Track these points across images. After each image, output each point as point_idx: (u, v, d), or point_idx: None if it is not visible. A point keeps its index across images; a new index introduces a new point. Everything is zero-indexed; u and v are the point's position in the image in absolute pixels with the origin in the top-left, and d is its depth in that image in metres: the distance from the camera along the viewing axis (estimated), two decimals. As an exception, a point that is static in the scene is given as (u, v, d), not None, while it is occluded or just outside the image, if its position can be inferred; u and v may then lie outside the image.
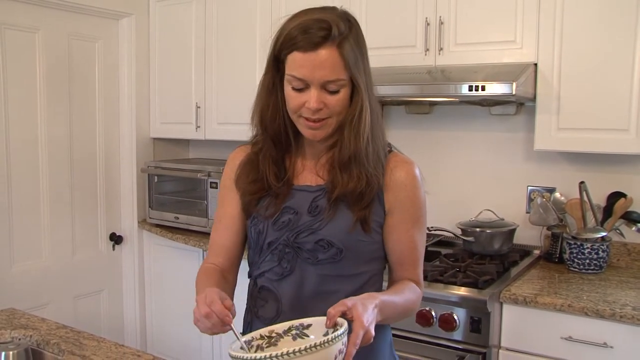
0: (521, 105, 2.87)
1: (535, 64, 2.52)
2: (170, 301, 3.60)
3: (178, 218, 3.50)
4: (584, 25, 2.41)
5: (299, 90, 1.30)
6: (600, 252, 2.52)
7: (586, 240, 2.52)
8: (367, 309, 1.17)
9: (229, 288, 1.45)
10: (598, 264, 2.53)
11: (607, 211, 2.61)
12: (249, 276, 1.49)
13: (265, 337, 1.21)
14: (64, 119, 3.37)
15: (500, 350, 2.30)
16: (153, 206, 3.65)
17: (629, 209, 2.58)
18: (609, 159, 2.66)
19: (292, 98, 1.32)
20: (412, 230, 1.43)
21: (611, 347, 2.10)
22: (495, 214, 2.87)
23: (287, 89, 1.33)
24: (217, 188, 3.28)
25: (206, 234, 3.33)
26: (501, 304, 2.29)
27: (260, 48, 3.27)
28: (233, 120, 3.44)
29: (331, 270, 1.37)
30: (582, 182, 2.53)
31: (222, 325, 1.19)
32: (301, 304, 1.37)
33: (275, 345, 1.19)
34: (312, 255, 1.36)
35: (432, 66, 2.72)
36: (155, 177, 3.65)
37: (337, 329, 1.10)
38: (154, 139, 3.86)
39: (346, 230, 1.36)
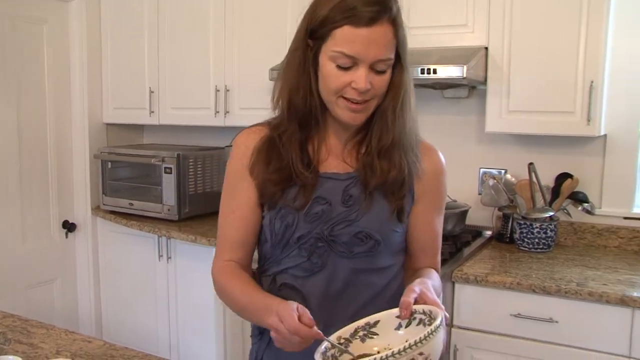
0: (473, 89, 2.92)
1: (486, 48, 2.56)
2: (126, 288, 3.56)
3: (133, 204, 3.46)
4: (532, 11, 2.46)
5: (345, 68, 1.19)
6: (548, 231, 2.59)
7: (535, 220, 2.59)
8: (433, 293, 1.15)
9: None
10: (546, 243, 2.60)
11: (555, 192, 2.68)
12: (261, 272, 1.39)
13: (336, 346, 1.11)
14: (11, 105, 3.28)
15: (452, 329, 2.35)
16: (107, 193, 3.59)
17: (576, 190, 2.65)
18: (557, 140, 2.73)
19: (335, 77, 1.20)
20: (437, 218, 1.40)
21: (556, 321, 2.17)
22: (448, 195, 2.91)
23: (329, 67, 1.20)
24: (171, 173, 3.25)
25: (161, 220, 3.30)
26: (453, 283, 2.33)
27: (213, 31, 3.24)
28: (187, 105, 3.41)
29: (365, 264, 1.30)
30: (530, 164, 2.59)
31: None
32: (330, 301, 1.28)
33: (347, 351, 1.11)
34: (347, 248, 1.28)
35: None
36: (109, 163, 3.59)
37: (427, 318, 1.09)
38: (107, 124, 3.79)
39: (385, 221, 1.29)
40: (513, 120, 2.54)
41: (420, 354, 0.98)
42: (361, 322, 1.15)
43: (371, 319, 1.15)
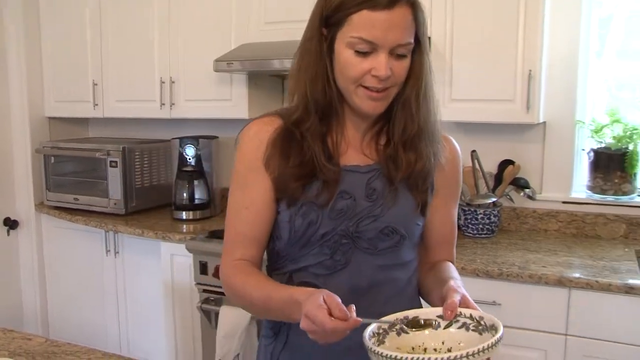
0: (417, 78, 2.95)
1: (429, 38, 2.59)
2: (73, 284, 3.49)
3: (78, 199, 3.38)
4: (473, 1, 2.51)
5: (364, 54, 1.14)
6: (492, 217, 2.66)
7: (479, 206, 2.65)
8: (471, 300, 1.13)
9: None
10: (490, 228, 2.67)
11: (498, 178, 2.75)
12: (273, 270, 1.31)
13: (375, 334, 1.08)
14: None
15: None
16: (50, 188, 3.51)
17: (518, 176, 2.73)
18: (498, 128, 2.79)
19: (354, 65, 1.14)
20: (454, 209, 1.37)
21: (499, 304, 2.23)
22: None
23: (347, 55, 1.15)
24: (116, 167, 3.20)
25: (108, 215, 3.25)
26: (400, 270, 2.37)
27: (158, 22, 3.19)
28: (132, 97, 3.35)
29: (389, 260, 1.26)
30: (473, 151, 2.64)
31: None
32: (354, 299, 1.17)
33: (383, 342, 1.08)
34: (372, 244, 1.23)
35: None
36: (52, 158, 3.50)
37: (473, 324, 1.09)
38: (50, 118, 3.70)
39: (410, 215, 1.25)
40: (455, 109, 2.59)
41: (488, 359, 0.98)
42: (400, 315, 1.12)
43: (409, 313, 1.12)
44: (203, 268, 2.65)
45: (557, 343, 2.18)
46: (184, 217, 3.18)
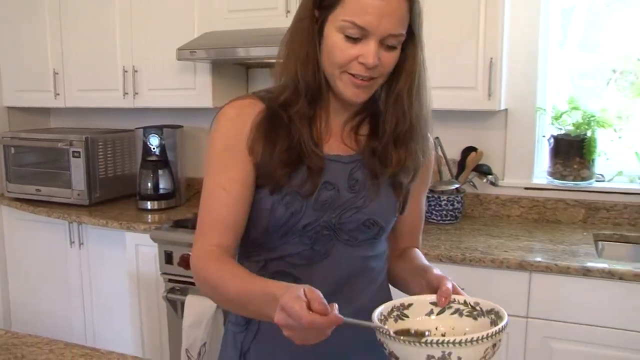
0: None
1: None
2: (36, 277, 3.43)
3: (40, 190, 3.33)
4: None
5: (354, 40, 1.10)
6: (455, 203, 2.69)
7: (442, 192, 2.68)
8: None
9: None
10: (454, 214, 2.71)
11: (461, 165, 2.79)
12: (245, 257, 1.27)
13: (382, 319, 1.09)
14: None
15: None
16: (11, 179, 3.44)
17: (480, 162, 2.77)
18: (461, 115, 2.83)
19: (342, 49, 1.11)
20: (424, 198, 1.37)
21: (462, 288, 2.25)
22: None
23: (336, 39, 1.12)
24: (79, 157, 3.15)
25: (71, 205, 3.21)
26: (365, 256, 2.39)
27: (119, 9, 3.14)
28: (95, 86, 3.30)
29: (367, 251, 1.25)
30: (436, 138, 2.67)
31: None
32: (332, 290, 1.18)
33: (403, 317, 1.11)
34: (352, 236, 1.22)
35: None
36: (12, 149, 3.43)
37: (467, 309, 1.11)
38: (9, 108, 3.62)
39: (391, 208, 1.25)
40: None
41: (494, 345, 1.00)
42: (397, 302, 1.13)
43: (405, 300, 1.13)
44: (168, 258, 2.64)
45: (518, 326, 2.22)
46: (149, 207, 3.16)
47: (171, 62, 2.92)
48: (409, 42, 1.16)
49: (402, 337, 0.97)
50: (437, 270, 1.20)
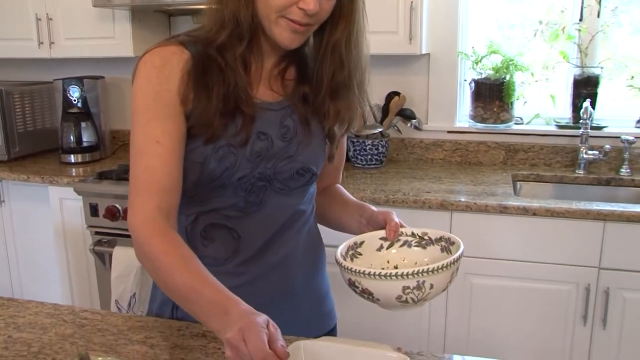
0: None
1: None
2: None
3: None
4: None
5: None
6: (380, 147, 2.74)
7: (367, 137, 2.73)
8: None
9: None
10: (379, 158, 2.76)
11: (385, 110, 2.83)
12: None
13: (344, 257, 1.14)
14: None
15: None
16: None
17: (404, 107, 2.82)
18: (384, 60, 2.85)
19: None
20: (345, 136, 1.37)
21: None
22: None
23: None
24: (-6, 110, 3.02)
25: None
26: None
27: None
28: (6, 35, 3.13)
29: (300, 198, 1.25)
30: (360, 83, 2.69)
31: None
32: (267, 239, 1.20)
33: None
34: (286, 185, 1.21)
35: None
36: None
37: (414, 240, 1.19)
38: None
39: (321, 154, 1.24)
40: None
41: (457, 269, 1.08)
42: (350, 241, 1.18)
43: (358, 238, 1.19)
44: (94, 210, 2.60)
45: (440, 263, 2.31)
46: (73, 161, 3.07)
47: (88, 10, 2.81)
48: None
49: (377, 273, 1.02)
50: (372, 206, 1.25)
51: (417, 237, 1.20)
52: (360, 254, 1.17)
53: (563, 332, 2.26)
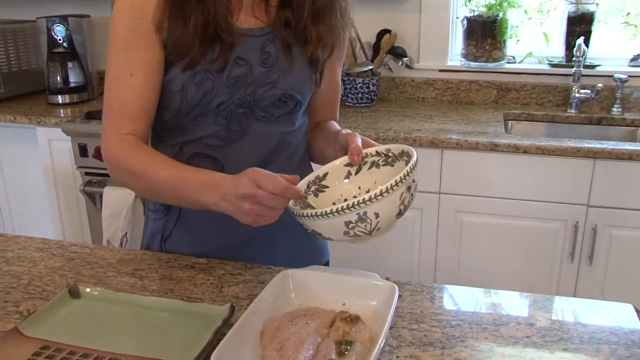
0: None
1: None
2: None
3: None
4: None
5: None
6: (370, 86, 2.71)
7: (357, 75, 2.69)
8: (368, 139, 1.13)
9: None
10: (369, 97, 2.73)
11: (377, 48, 2.79)
12: (160, 142, 1.23)
13: (297, 203, 1.02)
14: None
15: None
16: None
17: (395, 45, 2.78)
18: (377, -2, 2.80)
19: None
20: (340, 69, 1.33)
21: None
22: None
23: None
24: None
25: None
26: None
27: None
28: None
29: (284, 127, 1.22)
30: (349, 19, 2.64)
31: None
32: (251, 166, 1.16)
33: (310, 206, 1.04)
34: (268, 112, 1.18)
35: None
36: None
37: (381, 159, 1.06)
38: None
39: (305, 81, 1.21)
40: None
41: (409, 188, 0.94)
42: (310, 176, 1.08)
43: (320, 172, 1.09)
44: (83, 150, 2.58)
45: (431, 201, 2.33)
46: (60, 102, 3.03)
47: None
48: None
49: (313, 214, 0.92)
50: (346, 130, 1.17)
51: (382, 155, 1.08)
52: (327, 187, 1.09)
53: (550, 268, 2.30)
